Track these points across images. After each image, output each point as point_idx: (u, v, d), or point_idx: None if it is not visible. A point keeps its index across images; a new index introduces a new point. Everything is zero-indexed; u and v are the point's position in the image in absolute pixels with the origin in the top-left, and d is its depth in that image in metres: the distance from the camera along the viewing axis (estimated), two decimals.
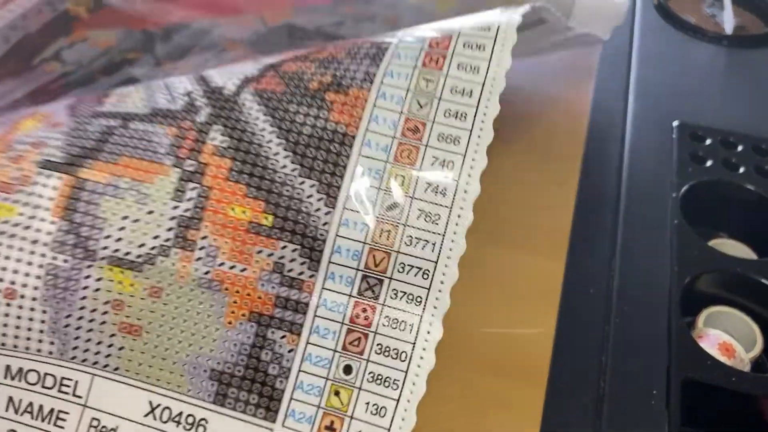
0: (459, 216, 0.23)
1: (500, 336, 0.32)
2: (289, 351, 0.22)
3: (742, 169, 0.39)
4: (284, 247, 0.22)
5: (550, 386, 0.30)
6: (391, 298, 0.22)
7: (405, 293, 0.22)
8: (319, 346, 0.22)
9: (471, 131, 0.24)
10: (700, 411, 0.30)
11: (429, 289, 0.23)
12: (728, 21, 0.52)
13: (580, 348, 0.32)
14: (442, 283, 0.23)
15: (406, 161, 0.23)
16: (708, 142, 0.41)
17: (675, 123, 0.43)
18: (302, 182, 0.22)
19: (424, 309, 0.23)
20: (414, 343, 0.22)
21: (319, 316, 0.22)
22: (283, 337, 0.22)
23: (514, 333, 0.32)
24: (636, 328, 0.32)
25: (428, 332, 0.23)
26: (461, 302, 0.34)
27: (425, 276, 0.22)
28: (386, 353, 0.22)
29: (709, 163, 0.40)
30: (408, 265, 0.22)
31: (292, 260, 0.22)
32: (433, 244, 0.22)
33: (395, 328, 0.22)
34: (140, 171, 0.22)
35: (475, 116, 0.24)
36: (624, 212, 0.38)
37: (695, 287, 0.34)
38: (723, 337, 0.32)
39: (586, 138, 0.43)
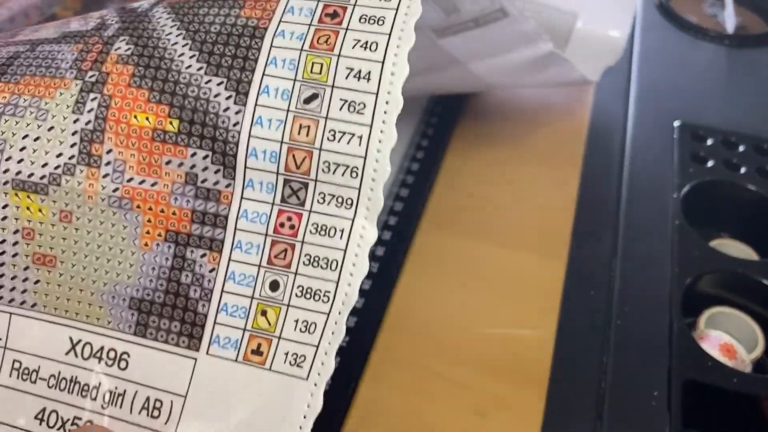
0: (387, 102, 0.20)
1: (500, 336, 0.32)
2: (211, 271, 0.21)
3: (743, 170, 0.39)
4: (194, 155, 0.20)
5: (551, 387, 0.30)
6: (318, 202, 0.20)
7: (333, 196, 0.20)
8: (242, 262, 0.21)
9: (397, 8, 0.21)
10: (702, 412, 0.30)
11: (360, 189, 0.20)
12: (729, 20, 0.52)
13: (581, 349, 0.32)
14: (373, 180, 0.20)
15: (324, 47, 0.20)
16: (709, 142, 0.41)
17: (676, 123, 0.43)
18: (208, 81, 0.20)
19: (355, 212, 0.20)
20: (345, 250, 0.20)
21: (240, 230, 0.21)
22: (204, 255, 0.21)
23: (515, 333, 0.32)
24: (637, 329, 0.32)
25: (361, 236, 0.21)
26: (461, 302, 0.34)
27: (354, 174, 0.20)
28: (315, 264, 0.20)
29: (710, 163, 0.40)
30: (333, 163, 0.20)
31: (205, 168, 0.20)
32: (360, 137, 0.20)
33: (324, 235, 0.20)
34: (40, 87, 0.21)
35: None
36: (625, 213, 0.38)
37: (696, 288, 0.34)
38: (724, 338, 0.32)
39: (586, 138, 0.43)
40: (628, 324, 0.32)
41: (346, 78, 0.20)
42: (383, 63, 0.20)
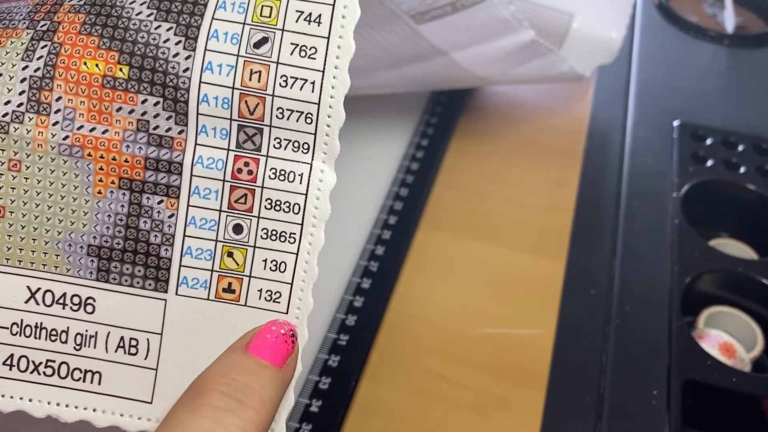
0: (339, 47, 0.20)
1: (500, 336, 0.32)
2: (170, 216, 0.21)
3: (742, 169, 0.39)
4: (145, 101, 0.20)
5: (551, 386, 0.30)
6: (275, 147, 0.20)
7: (289, 141, 0.20)
8: (201, 207, 0.21)
9: None
10: (701, 411, 0.30)
11: (315, 134, 0.20)
12: (729, 20, 0.52)
13: (581, 348, 0.32)
14: (328, 126, 0.20)
15: None
16: (709, 141, 0.41)
17: (676, 123, 0.43)
18: (158, 26, 0.20)
19: (313, 156, 0.20)
20: (306, 194, 0.21)
21: (196, 176, 0.21)
22: (161, 202, 0.21)
23: (514, 333, 0.32)
24: (636, 329, 0.32)
25: (320, 180, 0.21)
26: (461, 302, 0.34)
27: (309, 120, 0.20)
28: (277, 207, 0.21)
29: (709, 162, 0.40)
30: (287, 109, 0.20)
31: (156, 115, 0.20)
32: (313, 83, 0.20)
33: (284, 179, 0.20)
34: None
35: None
36: (624, 212, 0.38)
37: (696, 287, 0.34)
38: (723, 337, 0.32)
39: (586, 138, 0.43)
40: (627, 323, 0.32)
41: (297, 21, 0.20)
42: (333, 6, 0.20)
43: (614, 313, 0.33)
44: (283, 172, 0.21)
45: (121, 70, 0.20)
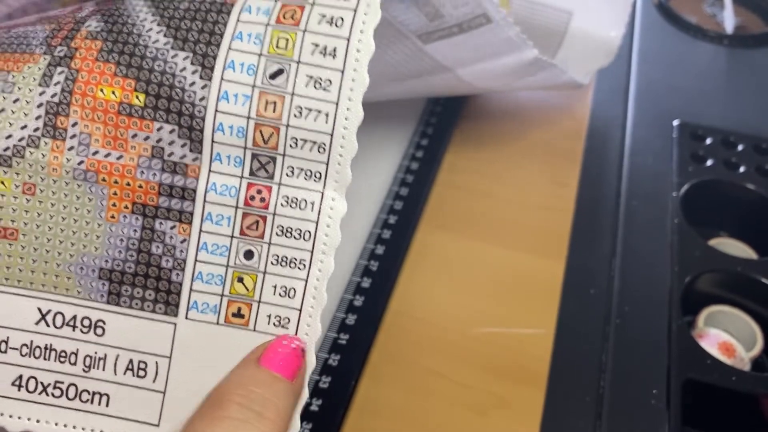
0: (353, 80, 0.20)
1: (500, 335, 0.32)
2: (182, 242, 0.21)
3: (742, 169, 0.39)
4: (160, 128, 0.20)
5: (550, 386, 0.30)
6: (287, 176, 0.21)
7: (302, 169, 0.21)
8: (214, 233, 0.21)
9: None
10: (701, 410, 0.30)
11: (327, 164, 0.21)
12: (729, 20, 0.52)
13: (581, 347, 0.32)
14: (341, 156, 0.20)
15: (290, 22, 0.20)
16: (708, 141, 0.41)
17: (675, 122, 0.43)
18: (175, 55, 0.20)
19: (324, 185, 0.21)
20: (317, 222, 0.21)
21: (209, 202, 0.21)
22: (173, 227, 0.21)
23: (514, 332, 0.33)
24: (636, 328, 0.32)
25: (331, 208, 0.21)
26: (460, 301, 0.34)
27: (321, 150, 0.20)
28: (288, 234, 0.21)
29: (709, 162, 0.40)
30: (301, 139, 0.20)
31: (171, 142, 0.21)
32: (327, 114, 0.20)
33: (295, 207, 0.21)
34: (9, 62, 0.21)
35: None
36: (624, 212, 0.38)
37: (695, 287, 0.34)
38: (723, 336, 0.32)
39: (586, 138, 0.43)
40: (627, 323, 0.33)
41: (312, 54, 0.20)
42: (349, 39, 0.20)
43: (614, 313, 0.33)
44: (295, 200, 0.21)
45: (137, 97, 0.21)
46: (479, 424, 0.29)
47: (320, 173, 0.21)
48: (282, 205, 0.21)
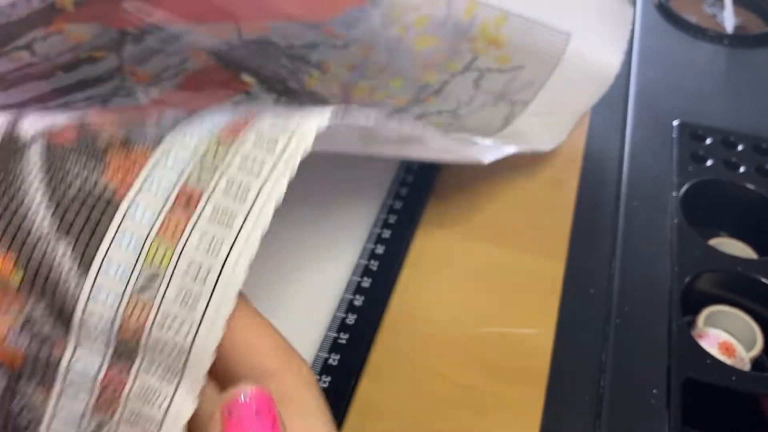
0: (219, 304, 0.20)
1: (500, 336, 0.32)
2: (42, 402, 0.21)
3: (742, 169, 0.40)
4: (33, 307, 0.21)
5: (550, 386, 0.30)
6: (144, 371, 0.21)
7: (159, 367, 0.21)
8: (69, 406, 0.21)
9: (248, 214, 0.21)
10: (701, 410, 0.30)
11: (183, 370, 0.21)
12: (729, 20, 0.52)
13: (580, 348, 0.32)
14: (196, 366, 0.21)
15: (170, 236, 0.21)
16: (708, 141, 0.41)
17: (675, 122, 0.43)
18: (58, 239, 0.21)
19: (176, 387, 0.21)
20: (163, 421, 0.21)
21: (70, 378, 0.21)
22: (34, 390, 0.21)
23: (514, 333, 0.33)
24: (636, 328, 0.32)
25: (178, 411, 0.21)
26: (460, 301, 0.34)
27: (179, 358, 0.21)
28: (135, 420, 0.21)
29: (709, 162, 0.40)
30: (163, 343, 0.20)
31: (42, 319, 0.21)
32: (189, 329, 0.20)
33: (146, 402, 0.21)
34: None
35: (255, 199, 0.21)
36: (624, 212, 0.38)
37: (695, 286, 0.34)
38: (723, 336, 0.33)
39: (585, 137, 0.43)
40: (627, 323, 0.33)
41: (185, 273, 0.20)
42: (223, 266, 0.20)
43: (614, 313, 0.33)
44: (147, 393, 0.21)
45: (16, 273, 0.21)
46: (479, 424, 0.29)
47: (175, 377, 0.21)
48: (135, 395, 0.21)
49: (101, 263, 0.20)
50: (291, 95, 0.36)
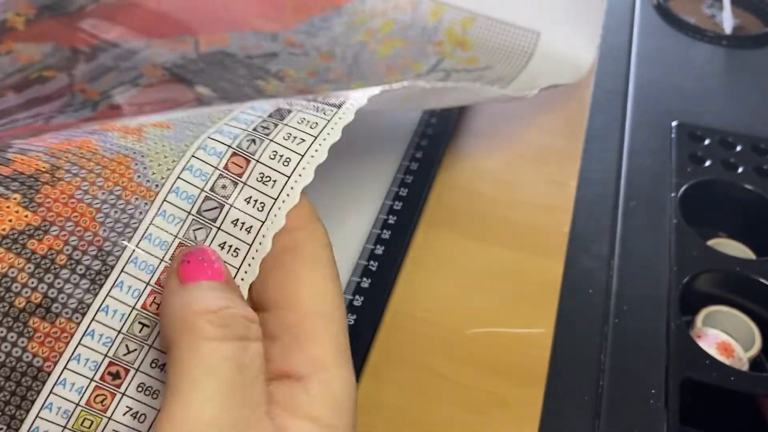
0: None
1: (499, 335, 0.32)
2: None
3: (740, 169, 0.40)
4: None
5: (549, 385, 0.30)
6: None
7: None
8: None
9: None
10: (699, 410, 0.30)
11: None
12: (727, 21, 0.52)
13: (579, 347, 0.32)
14: None
15: (99, 407, 0.21)
16: (707, 142, 0.42)
17: (674, 123, 0.43)
18: None
19: None
20: None
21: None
22: None
23: (513, 332, 0.33)
24: (635, 328, 0.32)
25: None
26: (460, 301, 0.34)
27: None
28: None
29: (708, 163, 0.40)
30: None
31: None
32: None
33: None
34: None
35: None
36: (623, 212, 0.38)
37: (694, 287, 0.35)
38: (721, 336, 0.33)
39: (585, 138, 0.43)
40: (626, 323, 0.33)
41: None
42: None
43: (612, 313, 0.33)
44: None
45: None
46: (479, 424, 0.29)
47: None
48: None
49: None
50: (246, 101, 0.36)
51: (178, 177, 0.22)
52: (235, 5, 0.35)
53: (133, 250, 0.21)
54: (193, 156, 0.22)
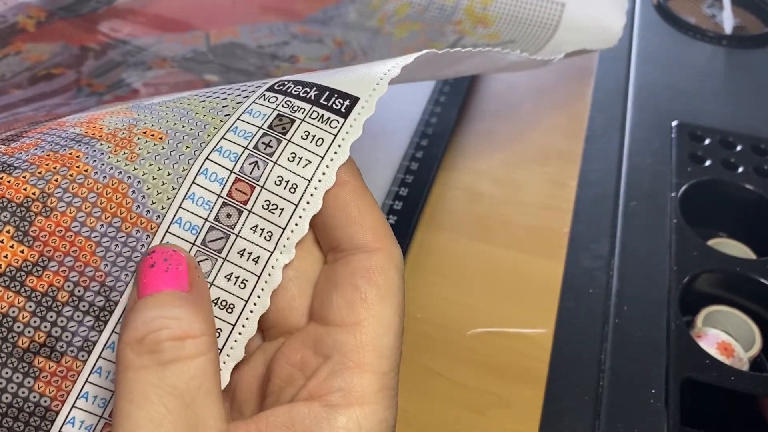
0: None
1: (499, 335, 0.32)
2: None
3: (740, 169, 0.40)
4: None
5: (549, 385, 0.31)
6: None
7: None
8: None
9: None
10: (699, 410, 0.30)
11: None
12: (728, 21, 0.52)
13: (579, 347, 0.32)
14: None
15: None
16: (707, 141, 0.42)
17: (674, 123, 0.43)
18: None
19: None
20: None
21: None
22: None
23: (513, 332, 0.33)
24: (635, 328, 0.32)
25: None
26: (460, 301, 0.34)
27: None
28: None
29: (708, 162, 0.40)
30: None
31: None
32: None
33: None
34: None
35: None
36: (623, 212, 0.38)
37: (694, 287, 0.35)
38: (722, 336, 0.33)
39: (585, 138, 0.43)
40: (626, 323, 0.33)
41: None
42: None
43: (613, 313, 0.33)
44: None
45: None
46: (479, 424, 0.29)
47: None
48: None
49: None
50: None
51: (180, 206, 0.21)
52: (244, 3, 0.35)
53: None
54: (194, 183, 0.21)
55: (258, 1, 0.35)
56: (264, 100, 0.22)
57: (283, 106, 0.22)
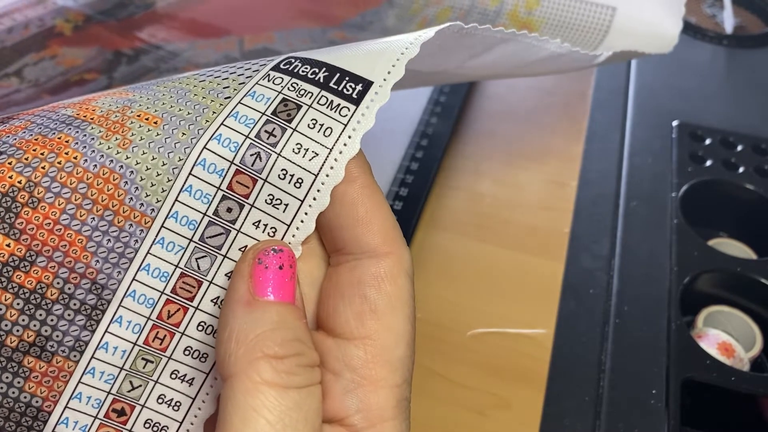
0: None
1: (499, 335, 0.32)
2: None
3: (741, 169, 0.40)
4: None
5: (550, 386, 0.30)
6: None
7: None
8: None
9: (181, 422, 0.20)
10: (700, 410, 0.30)
11: None
12: (728, 21, 0.52)
13: (580, 348, 0.32)
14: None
15: None
16: (708, 141, 0.42)
17: (675, 123, 0.43)
18: None
19: None
20: None
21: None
22: None
23: (514, 333, 0.33)
24: (635, 328, 0.32)
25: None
26: (460, 302, 0.34)
27: None
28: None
29: (708, 162, 0.40)
30: None
31: None
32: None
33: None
34: None
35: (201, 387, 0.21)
36: (623, 212, 0.38)
37: (695, 287, 0.34)
38: (722, 336, 0.33)
39: (585, 138, 0.43)
40: (626, 323, 0.33)
41: None
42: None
43: (613, 313, 0.33)
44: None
45: None
46: (479, 425, 0.29)
47: None
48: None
49: None
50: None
51: (176, 200, 0.19)
52: (281, 8, 0.34)
53: (131, 283, 0.19)
54: (191, 174, 0.19)
55: (295, 5, 0.35)
56: (268, 81, 0.20)
57: (288, 89, 0.20)
